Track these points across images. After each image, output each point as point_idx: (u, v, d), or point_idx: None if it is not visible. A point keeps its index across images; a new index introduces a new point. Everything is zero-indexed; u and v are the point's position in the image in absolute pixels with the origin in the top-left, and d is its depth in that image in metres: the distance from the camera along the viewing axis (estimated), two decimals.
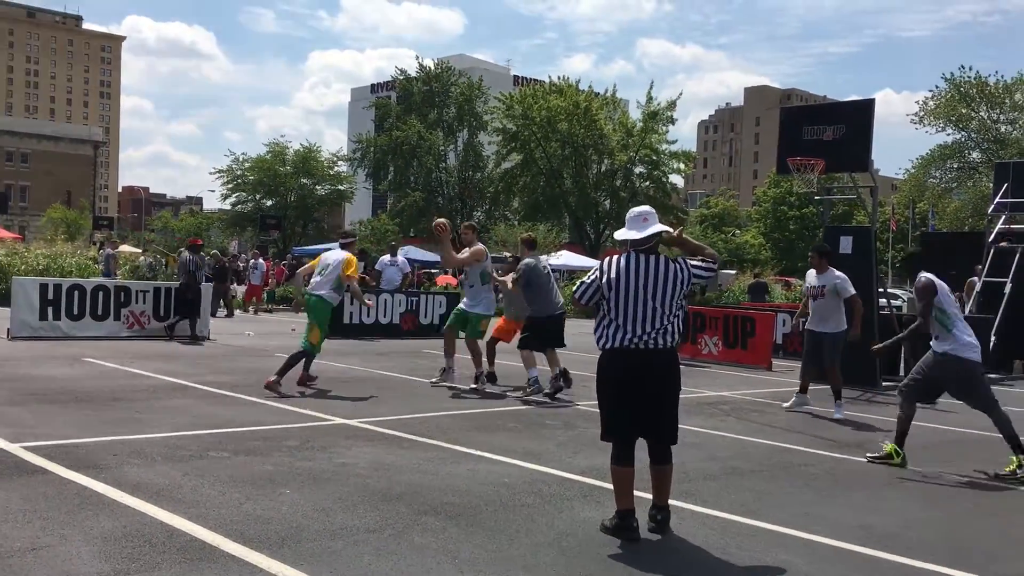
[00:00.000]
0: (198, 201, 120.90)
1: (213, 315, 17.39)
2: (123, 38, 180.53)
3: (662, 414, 4.96)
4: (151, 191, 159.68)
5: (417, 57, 61.76)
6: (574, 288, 5.16)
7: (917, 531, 5.30)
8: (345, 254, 10.49)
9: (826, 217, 14.80)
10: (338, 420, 8.13)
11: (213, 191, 65.84)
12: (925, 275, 7.54)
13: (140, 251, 40.25)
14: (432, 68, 60.94)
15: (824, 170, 12.23)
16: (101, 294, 14.52)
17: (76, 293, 14.29)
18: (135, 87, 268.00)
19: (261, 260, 26.02)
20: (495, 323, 11.40)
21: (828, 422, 9.39)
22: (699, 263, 5.04)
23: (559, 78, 56.50)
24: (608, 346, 4.95)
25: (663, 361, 4.91)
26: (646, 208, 5.12)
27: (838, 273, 9.97)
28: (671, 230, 5.12)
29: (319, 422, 8.03)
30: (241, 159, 60.51)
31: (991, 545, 5.12)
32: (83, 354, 12.24)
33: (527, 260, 10.57)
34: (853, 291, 9.91)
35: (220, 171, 60.73)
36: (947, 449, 8.20)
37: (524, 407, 9.51)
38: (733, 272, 48.24)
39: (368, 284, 19.66)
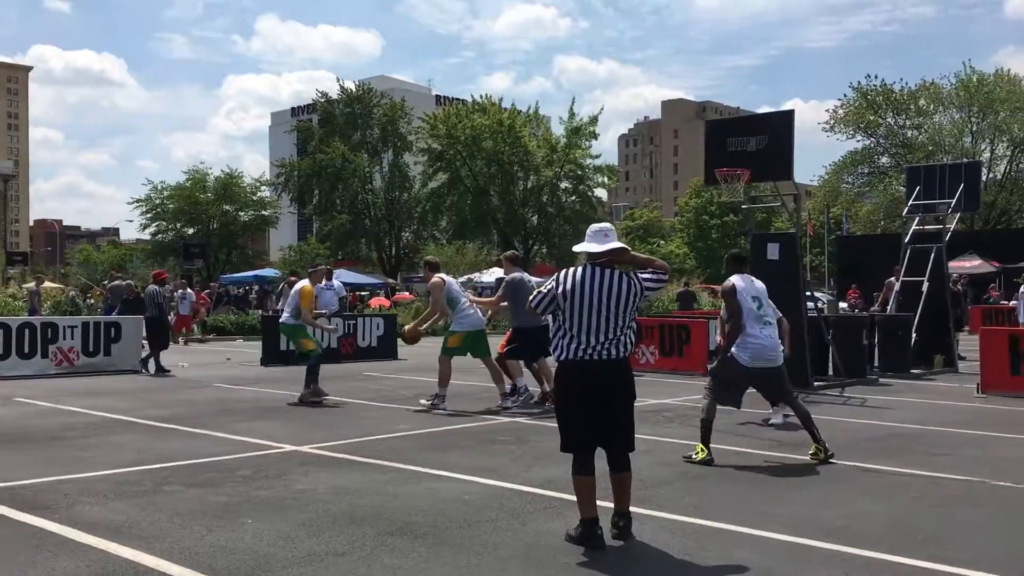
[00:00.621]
0: (115, 232, 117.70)
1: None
2: (30, 68, 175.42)
3: (619, 423, 5.09)
4: (65, 223, 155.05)
5: (338, 79, 61.27)
6: (530, 297, 5.26)
7: (865, 523, 5.53)
8: (303, 283, 11.57)
9: (751, 225, 15.22)
10: (288, 447, 8.08)
11: (131, 221, 64.67)
12: (729, 280, 8.02)
13: (60, 286, 39.10)
14: (353, 90, 60.63)
15: (750, 179, 12.62)
16: (27, 331, 14.13)
17: (1, 331, 13.85)
18: (44, 118, 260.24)
19: (189, 290, 25.52)
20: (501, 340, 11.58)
21: (760, 424, 9.66)
22: (650, 275, 5.20)
23: (481, 97, 56.92)
24: (565, 357, 5.06)
25: (618, 371, 5.05)
26: (606, 224, 5.27)
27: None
28: (627, 248, 5.28)
29: (269, 450, 7.97)
30: (160, 187, 59.24)
31: (935, 532, 5.37)
32: (13, 394, 11.88)
33: (512, 275, 11.02)
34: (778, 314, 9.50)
35: (138, 200, 59.29)
36: (884, 444, 8.53)
37: (473, 424, 9.57)
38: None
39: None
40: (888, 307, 16.77)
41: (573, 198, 55.93)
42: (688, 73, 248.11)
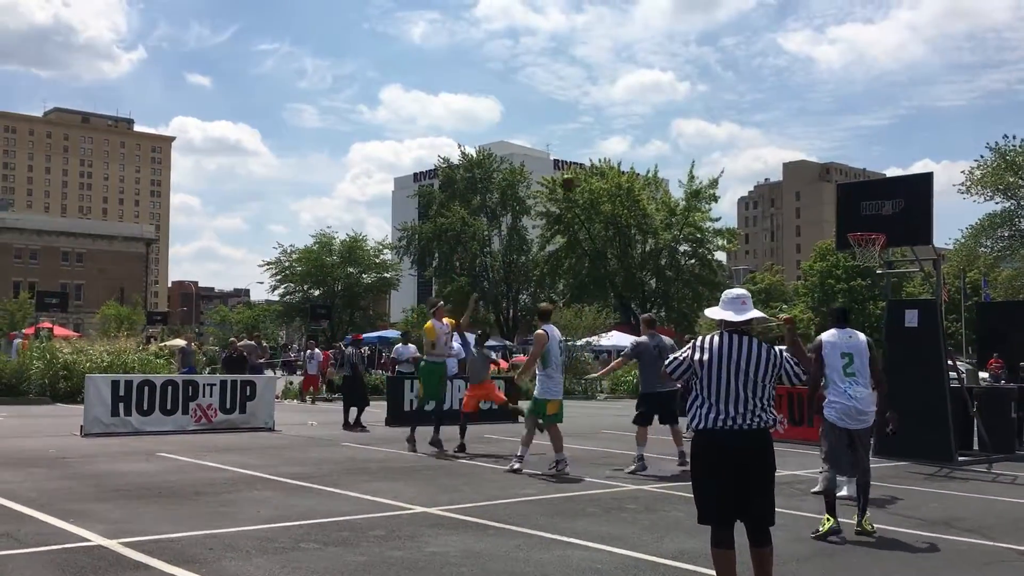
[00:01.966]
0: (245, 293, 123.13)
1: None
2: (172, 138, 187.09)
3: (758, 495, 4.94)
4: (199, 285, 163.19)
5: (459, 145, 63.05)
6: (667, 362, 5.24)
7: None
8: (426, 325, 12.94)
9: (887, 290, 14.72)
10: (418, 508, 8.17)
11: (261, 283, 67.59)
12: (820, 336, 8.08)
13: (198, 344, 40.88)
14: (473, 155, 62.18)
15: (886, 244, 12.23)
16: (170, 389, 14.83)
17: (147, 388, 14.60)
18: (183, 184, 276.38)
19: (317, 350, 26.34)
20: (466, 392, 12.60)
21: (911, 500, 9.19)
22: (793, 363, 5.15)
23: (600, 160, 57.40)
24: (701, 426, 4.98)
25: (757, 441, 4.92)
26: (743, 291, 5.19)
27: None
28: (767, 317, 5.18)
29: (400, 511, 8.08)
30: (289, 251, 61.90)
31: None
32: (156, 449, 12.44)
33: (641, 338, 11.47)
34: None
35: (268, 263, 62.20)
36: None
37: (598, 491, 9.46)
38: (782, 348, 47.78)
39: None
40: None
41: (692, 261, 55.40)
42: (810, 135, 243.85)
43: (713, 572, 5.67)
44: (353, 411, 16.48)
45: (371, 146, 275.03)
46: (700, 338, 5.13)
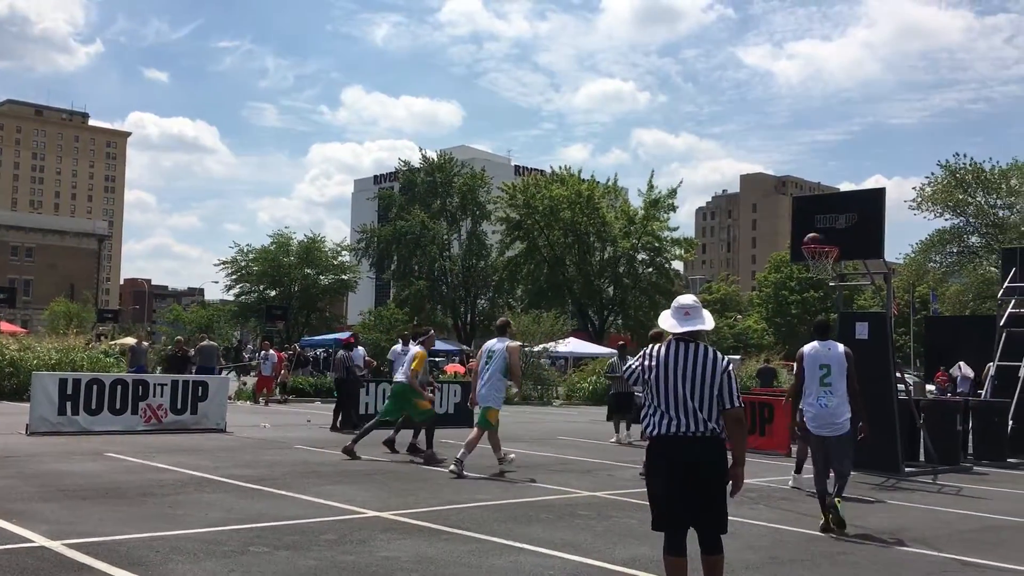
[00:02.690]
0: (200, 292, 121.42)
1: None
2: (128, 134, 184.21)
3: (710, 502, 4.97)
4: (153, 283, 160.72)
5: (420, 148, 62.88)
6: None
7: None
8: (417, 349, 12.56)
9: (838, 302, 14.95)
10: (370, 512, 8.11)
11: (216, 282, 66.21)
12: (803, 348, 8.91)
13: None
14: (434, 159, 62.02)
15: (839, 257, 12.42)
16: (120, 388, 14.56)
17: (95, 387, 14.32)
18: (138, 181, 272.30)
19: (272, 351, 26.07)
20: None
21: (860, 510, 9.32)
22: (734, 386, 5.03)
23: (560, 167, 57.62)
24: (655, 434, 5.00)
25: (709, 449, 4.94)
26: (690, 300, 5.18)
27: None
28: (710, 327, 5.13)
29: (353, 515, 8.01)
30: (245, 250, 61.16)
31: None
32: (104, 449, 12.21)
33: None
34: None
35: (224, 262, 61.34)
36: (985, 536, 8.14)
37: (553, 498, 9.46)
38: (738, 357, 48.27)
39: (371, 370, 19.84)
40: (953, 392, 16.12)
41: (650, 270, 55.84)
42: (767, 148, 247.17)
43: None
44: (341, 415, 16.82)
45: (331, 147, 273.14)
46: (649, 346, 5.17)
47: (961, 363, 19.77)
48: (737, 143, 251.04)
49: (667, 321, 5.13)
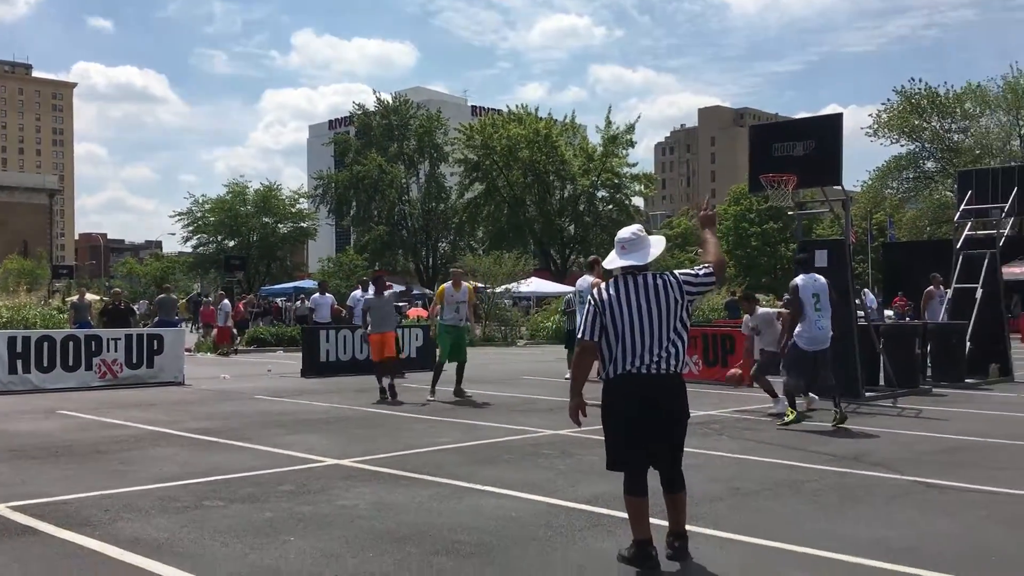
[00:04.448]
0: (157, 245, 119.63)
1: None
2: (74, 84, 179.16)
3: (670, 440, 4.85)
4: (109, 237, 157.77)
5: (374, 91, 61.80)
6: (578, 331, 4.94)
7: (934, 544, 5.26)
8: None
9: (799, 232, 14.93)
10: (330, 461, 7.96)
11: (173, 234, 65.19)
12: (793, 280, 10.53)
13: (104, 299, 39.52)
14: (389, 102, 60.93)
15: (797, 185, 12.32)
16: (72, 344, 14.20)
17: (46, 344, 13.95)
18: (88, 133, 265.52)
19: (226, 301, 25.69)
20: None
21: (822, 436, 9.37)
22: (701, 273, 4.86)
23: (517, 106, 56.93)
24: (614, 373, 4.82)
25: (671, 386, 4.78)
26: (628, 235, 4.90)
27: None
28: (650, 259, 4.83)
29: (311, 464, 7.86)
30: (201, 201, 59.98)
31: (1011, 555, 5.09)
32: (57, 407, 11.92)
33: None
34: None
35: (180, 214, 60.14)
36: (945, 458, 8.20)
37: (516, 438, 9.38)
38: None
39: (339, 318, 19.59)
40: (925, 316, 16.28)
41: (610, 207, 55.73)
42: (724, 80, 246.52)
43: (624, 515, 5.62)
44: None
45: (284, 93, 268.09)
46: (595, 289, 4.93)
47: (865, 289, 20.35)
48: (695, 76, 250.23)
49: (608, 258, 4.96)
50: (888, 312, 27.68)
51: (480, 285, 31.57)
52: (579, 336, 4.89)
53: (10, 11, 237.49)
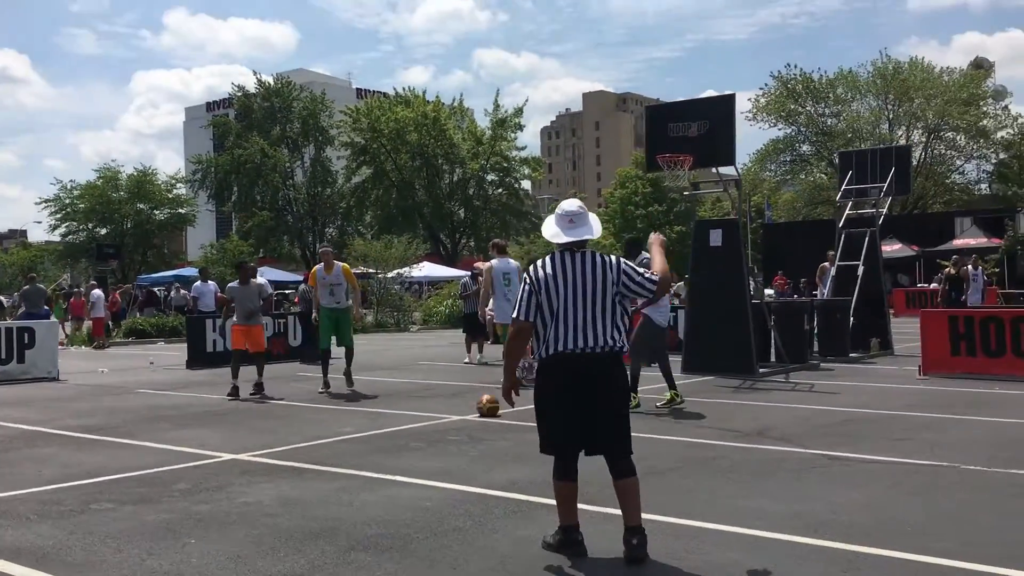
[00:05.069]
0: (23, 234, 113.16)
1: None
2: None
3: (611, 422, 4.61)
4: None
5: (255, 72, 59.85)
6: (513, 312, 4.70)
7: (847, 515, 5.31)
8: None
9: (693, 212, 15.14)
10: (226, 456, 7.56)
11: (39, 222, 61.60)
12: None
13: None
14: (271, 83, 59.17)
15: (692, 165, 12.45)
16: None
17: None
18: None
19: (97, 291, 24.43)
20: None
21: (722, 411, 9.48)
22: (639, 271, 4.70)
23: (404, 89, 56.18)
24: (549, 352, 4.58)
25: (606, 365, 4.58)
26: (574, 206, 4.76)
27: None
28: (598, 235, 4.81)
29: (206, 460, 7.44)
30: (69, 187, 56.97)
31: (921, 523, 5.18)
32: None
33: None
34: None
35: (47, 201, 57.00)
36: (842, 430, 8.40)
37: (421, 425, 9.15)
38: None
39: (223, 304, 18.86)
40: (823, 291, 16.86)
41: (500, 191, 55.75)
42: (607, 66, 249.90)
43: (543, 500, 5.51)
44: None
45: (156, 75, 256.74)
46: (532, 264, 4.74)
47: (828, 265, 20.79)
48: (578, 62, 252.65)
49: (550, 229, 4.71)
50: (768, 291, 28.58)
51: (371, 271, 31.02)
52: (514, 315, 4.66)
53: None
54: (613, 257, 4.74)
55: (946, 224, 40.21)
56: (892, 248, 34.48)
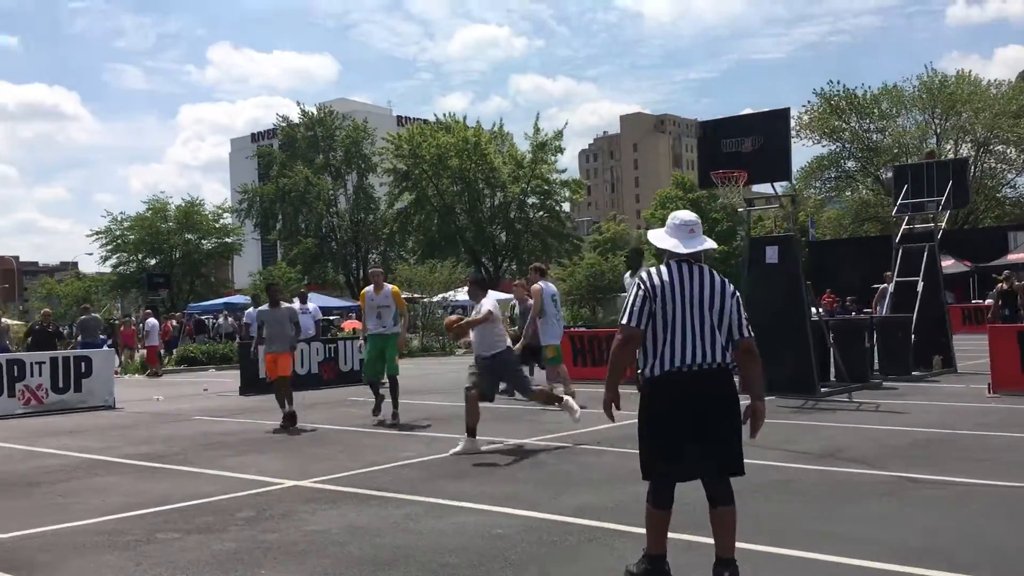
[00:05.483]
0: (74, 266, 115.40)
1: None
2: None
3: (721, 444, 4.25)
4: (21, 259, 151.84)
5: (298, 103, 60.68)
6: (622, 317, 4.38)
7: (945, 542, 5.05)
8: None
9: (747, 229, 14.90)
10: (288, 483, 7.46)
11: (91, 254, 63.00)
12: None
13: (21, 323, 37.88)
14: (314, 113, 59.95)
15: (747, 181, 12.23)
16: None
17: None
18: None
19: (152, 320, 24.71)
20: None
21: (789, 434, 9.19)
22: (746, 317, 4.44)
23: (445, 115, 56.52)
24: (662, 368, 4.24)
25: (723, 382, 4.27)
26: (693, 217, 4.46)
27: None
28: (714, 246, 4.56)
29: (269, 487, 7.35)
30: (120, 219, 58.05)
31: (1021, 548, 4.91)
32: None
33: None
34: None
35: (98, 233, 58.09)
36: (919, 451, 8.09)
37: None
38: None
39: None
40: (876, 311, 16.43)
41: (541, 213, 55.69)
42: (642, 88, 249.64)
43: (617, 526, 5.33)
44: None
45: (202, 108, 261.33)
46: (645, 272, 4.42)
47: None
48: (613, 85, 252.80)
49: (666, 241, 4.38)
50: (817, 310, 28.04)
51: (416, 295, 31.07)
52: (623, 321, 4.32)
53: None
54: (729, 281, 4.46)
55: (998, 238, 39.32)
56: (946, 264, 33.71)
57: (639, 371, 4.39)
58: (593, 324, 28.96)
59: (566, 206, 60.09)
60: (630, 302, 4.35)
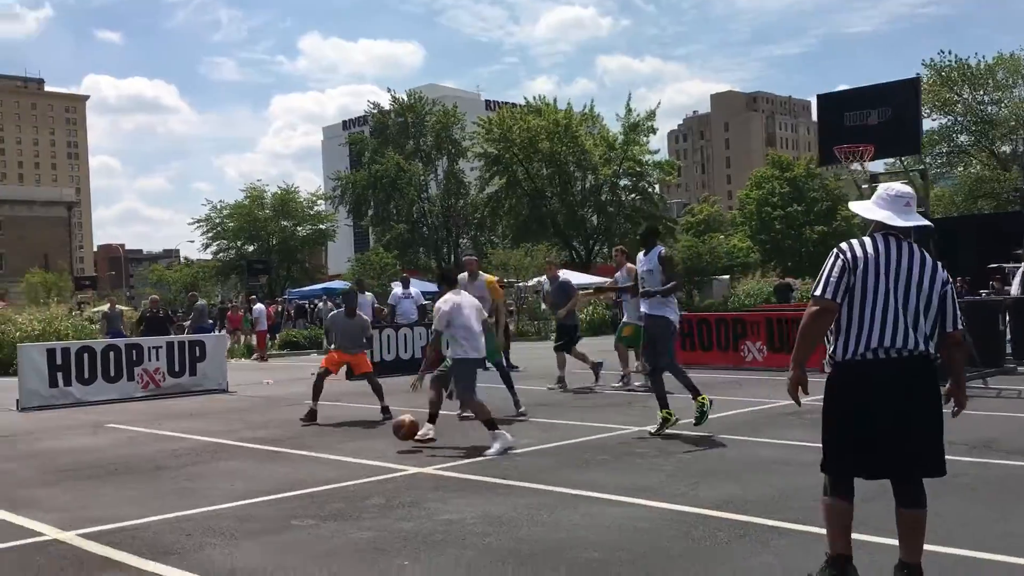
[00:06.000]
0: (176, 253, 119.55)
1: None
2: (86, 97, 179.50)
3: (919, 439, 3.83)
4: (127, 247, 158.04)
5: (389, 89, 61.43)
6: (816, 288, 3.93)
7: None
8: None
9: (926, 206, 14.25)
10: (412, 469, 7.34)
11: (192, 241, 65.02)
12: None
13: (129, 308, 39.20)
14: (404, 99, 60.39)
15: (874, 156, 11.62)
16: (112, 354, 13.65)
17: (86, 356, 13.40)
18: (101, 146, 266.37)
19: (260, 305, 25.19)
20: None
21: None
22: (956, 302, 3.99)
23: (535, 98, 56.15)
24: (856, 351, 3.82)
25: (925, 371, 3.83)
26: (908, 190, 3.98)
27: None
28: (930, 224, 4.16)
29: (393, 473, 7.24)
30: (219, 207, 59.69)
31: None
32: (103, 420, 11.36)
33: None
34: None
35: (199, 221, 59.90)
36: None
37: (600, 436, 8.73)
38: (726, 278, 47.66)
39: (381, 318, 18.94)
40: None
41: (633, 195, 54.92)
42: (732, 66, 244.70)
43: (768, 522, 5.02)
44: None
45: (293, 97, 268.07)
46: (845, 244, 3.95)
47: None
48: (702, 63, 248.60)
49: (877, 212, 3.92)
50: None
51: (511, 280, 30.95)
52: (817, 293, 3.88)
53: (20, 28, 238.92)
54: (939, 264, 3.98)
55: None
56: None
57: (828, 353, 3.99)
58: (689, 307, 28.40)
59: (657, 188, 59.16)
60: (826, 272, 3.90)
